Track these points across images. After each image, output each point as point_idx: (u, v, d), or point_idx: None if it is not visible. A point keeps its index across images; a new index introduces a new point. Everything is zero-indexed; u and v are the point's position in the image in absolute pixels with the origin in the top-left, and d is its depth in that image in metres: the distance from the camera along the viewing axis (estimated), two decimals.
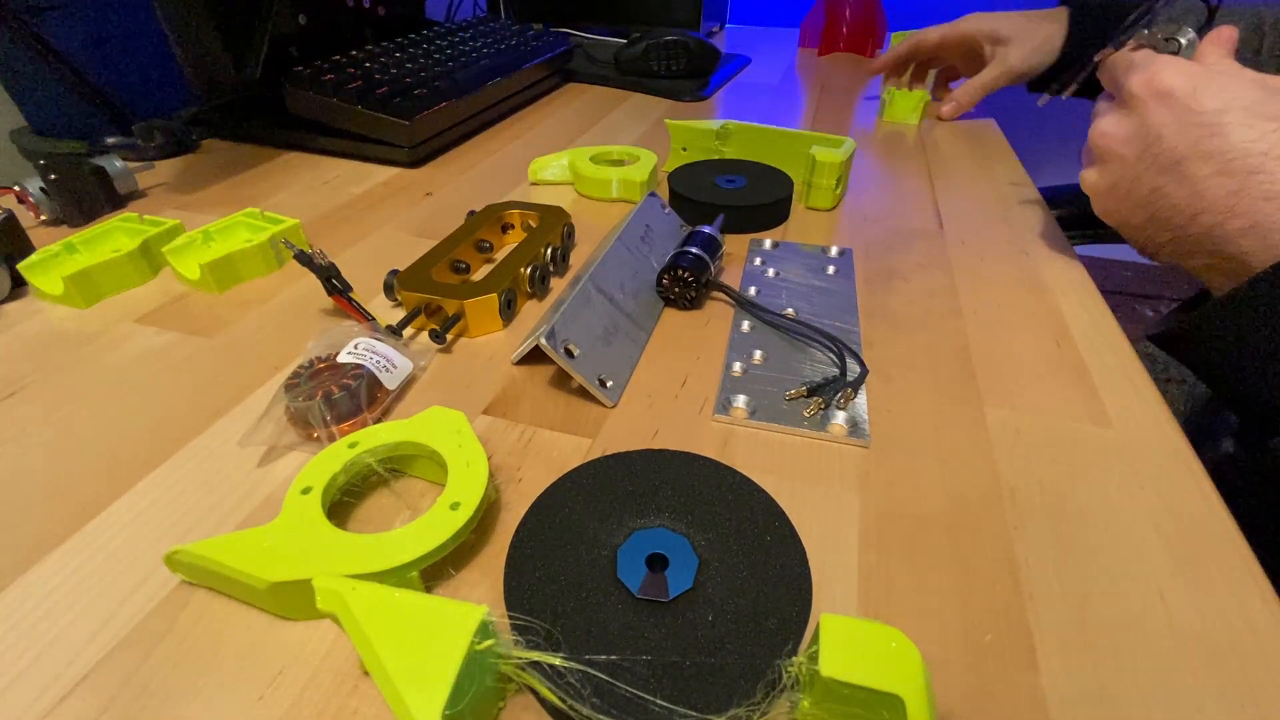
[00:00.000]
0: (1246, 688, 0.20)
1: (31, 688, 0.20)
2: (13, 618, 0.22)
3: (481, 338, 0.36)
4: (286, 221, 0.43)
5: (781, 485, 0.26)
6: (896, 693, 0.16)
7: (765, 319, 0.36)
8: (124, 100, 0.65)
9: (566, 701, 0.18)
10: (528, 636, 0.19)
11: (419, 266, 0.37)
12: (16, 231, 0.40)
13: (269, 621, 0.22)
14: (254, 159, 0.59)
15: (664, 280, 0.37)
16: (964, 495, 0.26)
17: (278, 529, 0.23)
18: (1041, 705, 0.20)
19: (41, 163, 0.45)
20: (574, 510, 0.24)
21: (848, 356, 0.33)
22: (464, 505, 0.23)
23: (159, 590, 0.23)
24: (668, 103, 0.76)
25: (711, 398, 0.31)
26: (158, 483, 0.27)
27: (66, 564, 0.24)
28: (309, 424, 0.28)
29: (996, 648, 0.21)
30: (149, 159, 0.56)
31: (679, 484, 0.25)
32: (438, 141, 0.60)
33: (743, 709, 0.18)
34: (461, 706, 0.16)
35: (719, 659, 0.19)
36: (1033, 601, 0.23)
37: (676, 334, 0.36)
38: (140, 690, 0.20)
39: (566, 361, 0.30)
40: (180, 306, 0.38)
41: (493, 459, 0.26)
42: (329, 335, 0.32)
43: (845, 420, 0.30)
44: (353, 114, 0.56)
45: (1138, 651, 0.21)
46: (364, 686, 0.20)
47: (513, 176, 0.55)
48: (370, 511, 0.26)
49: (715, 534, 0.23)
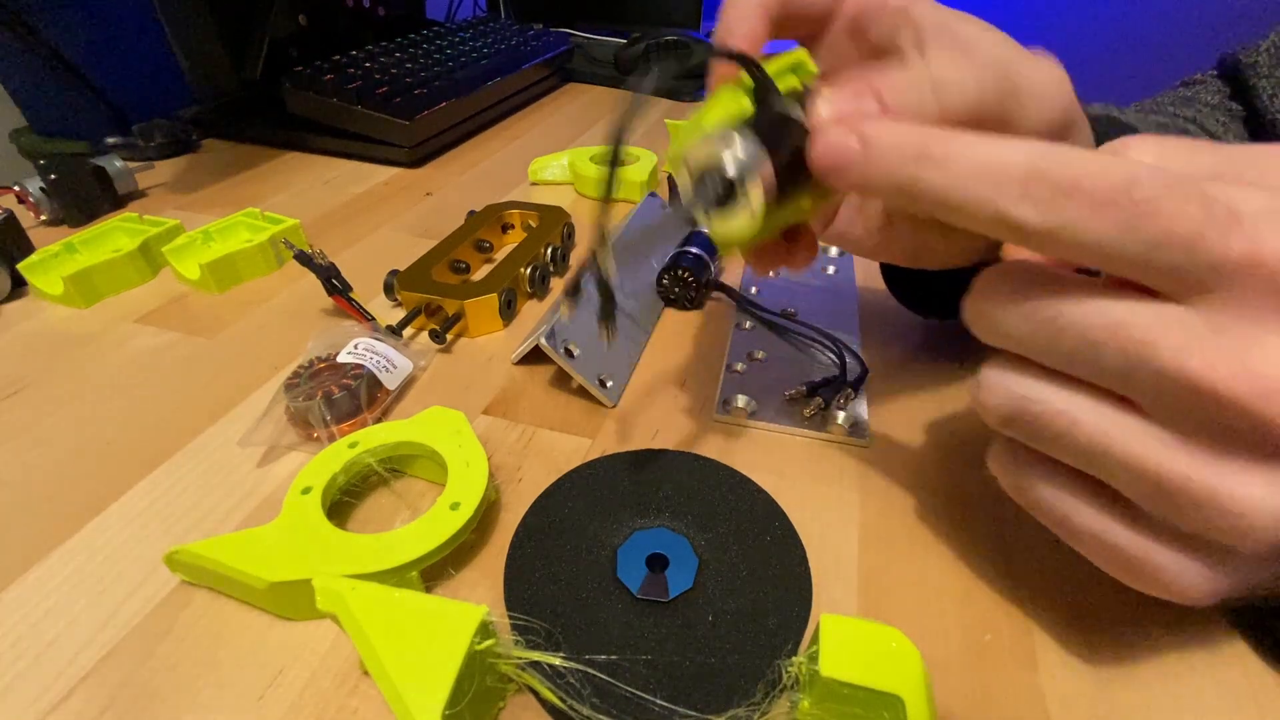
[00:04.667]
0: (1247, 687, 0.20)
1: (31, 688, 0.20)
2: (13, 618, 0.22)
3: (481, 338, 0.36)
4: (286, 221, 0.42)
5: (781, 485, 0.26)
6: (896, 693, 0.16)
7: (765, 319, 0.36)
8: (124, 100, 0.65)
9: (566, 701, 0.18)
10: (528, 636, 0.19)
11: (419, 266, 0.37)
12: (16, 231, 0.40)
13: (269, 621, 0.22)
14: (254, 159, 0.59)
15: (664, 280, 0.37)
16: (964, 495, 0.26)
17: (278, 529, 0.23)
18: (1041, 705, 0.20)
19: (41, 163, 0.45)
20: (574, 510, 0.24)
21: (848, 356, 0.33)
22: (464, 505, 0.23)
23: (159, 590, 0.23)
24: (668, 103, 0.76)
25: (711, 398, 0.31)
26: (158, 483, 0.27)
27: (66, 564, 0.24)
28: (309, 424, 0.28)
29: (996, 648, 0.21)
30: (149, 159, 0.56)
31: (679, 484, 0.25)
32: (438, 141, 0.60)
33: (743, 709, 0.18)
34: (461, 706, 0.16)
35: (719, 659, 0.19)
36: (1033, 601, 0.23)
37: (676, 334, 0.36)
38: (140, 690, 0.20)
39: (566, 361, 0.30)
40: (180, 306, 0.38)
41: (493, 459, 0.26)
42: (329, 335, 0.32)
43: (845, 420, 0.30)
44: (353, 114, 0.56)
45: (1138, 651, 0.21)
46: (364, 686, 0.20)
47: (513, 176, 0.55)
48: (370, 511, 0.26)
49: (715, 534, 0.23)
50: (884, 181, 0.17)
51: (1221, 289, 0.15)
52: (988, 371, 0.19)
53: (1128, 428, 0.16)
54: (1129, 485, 0.17)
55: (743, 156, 0.18)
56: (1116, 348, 0.15)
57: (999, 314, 0.18)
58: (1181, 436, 0.16)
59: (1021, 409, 0.18)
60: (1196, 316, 0.15)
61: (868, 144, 0.17)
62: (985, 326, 0.18)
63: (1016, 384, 0.18)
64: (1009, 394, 0.18)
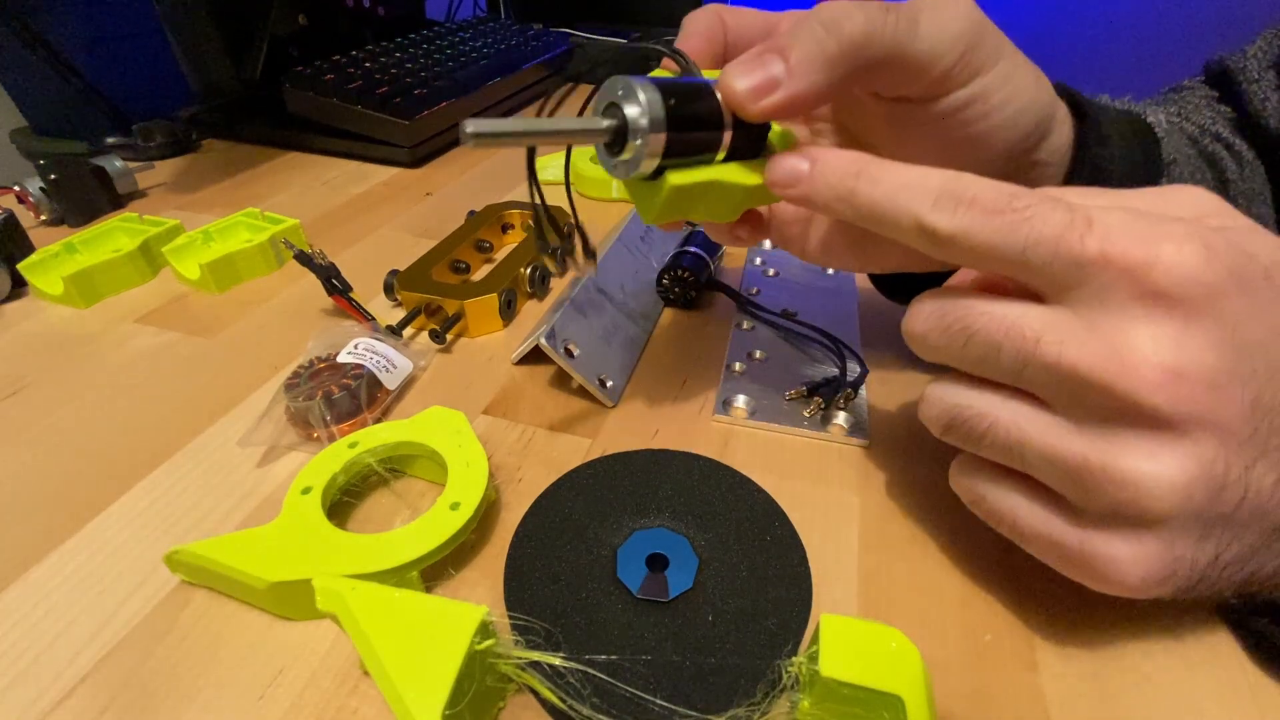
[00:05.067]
0: (1247, 687, 0.20)
1: (31, 688, 0.20)
2: (13, 618, 0.22)
3: (481, 338, 0.36)
4: (286, 221, 0.43)
5: (781, 485, 0.26)
6: (896, 693, 0.16)
7: (765, 319, 0.36)
8: (124, 100, 0.65)
9: (566, 701, 0.18)
10: (528, 636, 0.19)
11: (419, 266, 0.37)
12: (16, 231, 0.40)
13: (269, 621, 0.22)
14: (254, 159, 0.59)
15: (664, 280, 0.37)
16: None
17: (278, 529, 0.23)
18: (1041, 705, 0.20)
19: (41, 163, 0.45)
20: (574, 510, 0.24)
21: (848, 356, 0.33)
22: (464, 505, 0.23)
23: (159, 590, 0.23)
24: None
25: (711, 397, 0.31)
26: (158, 483, 0.27)
27: (66, 564, 0.24)
28: (309, 424, 0.28)
29: (996, 648, 0.21)
30: (149, 159, 0.56)
31: (679, 484, 0.25)
32: (438, 141, 0.60)
33: (743, 709, 0.18)
34: (461, 706, 0.16)
35: (719, 659, 0.19)
36: (1033, 601, 0.23)
37: (676, 334, 0.36)
38: (140, 690, 0.20)
39: (566, 361, 0.30)
40: (180, 306, 0.38)
41: (493, 459, 0.26)
42: (329, 335, 0.32)
43: (845, 420, 0.30)
44: (353, 114, 0.56)
45: (1138, 651, 0.21)
46: (364, 686, 0.20)
47: (513, 176, 0.55)
48: (370, 511, 0.26)
49: (715, 534, 0.23)
50: (828, 194, 0.20)
51: (1087, 286, 0.17)
52: (927, 388, 0.22)
53: (1035, 419, 0.19)
54: (1049, 475, 0.19)
55: (640, 101, 0.19)
56: (1011, 346, 0.18)
57: (925, 330, 0.20)
58: (1075, 422, 0.18)
59: (954, 416, 0.20)
60: (1072, 313, 0.18)
61: (814, 163, 0.20)
62: (918, 344, 0.21)
63: (948, 394, 0.21)
64: (943, 404, 0.21)
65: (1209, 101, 0.38)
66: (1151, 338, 0.17)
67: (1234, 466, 0.17)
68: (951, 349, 0.20)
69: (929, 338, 0.20)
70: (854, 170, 0.20)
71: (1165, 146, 0.28)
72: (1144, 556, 0.18)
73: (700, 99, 0.20)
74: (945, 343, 0.20)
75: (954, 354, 0.20)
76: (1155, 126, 0.29)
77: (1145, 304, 0.17)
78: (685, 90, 0.20)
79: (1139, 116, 0.30)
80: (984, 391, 0.20)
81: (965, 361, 0.20)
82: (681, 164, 0.21)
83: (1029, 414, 0.19)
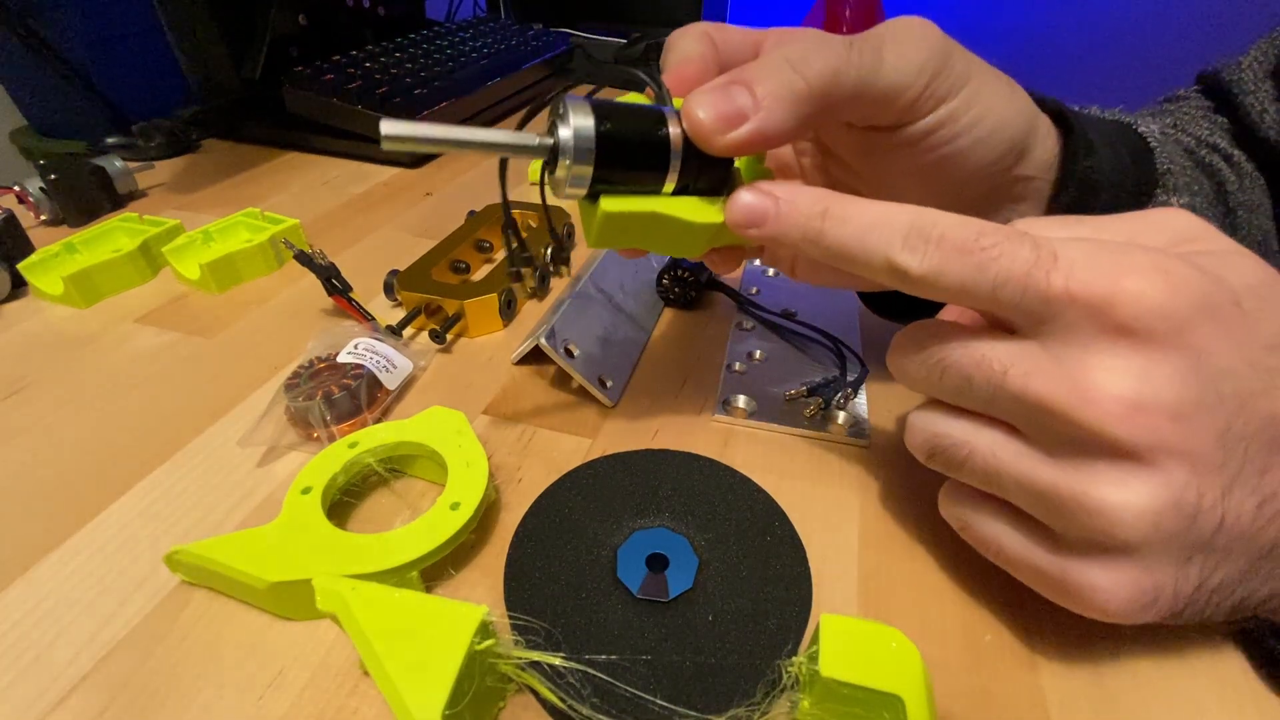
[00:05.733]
0: (1247, 687, 0.20)
1: (31, 687, 0.20)
2: (13, 618, 0.22)
3: (481, 338, 0.36)
4: (286, 221, 0.42)
5: (781, 485, 0.26)
6: (896, 693, 0.16)
7: (765, 318, 0.36)
8: (124, 100, 0.65)
9: (566, 701, 0.18)
10: (528, 636, 0.19)
11: (419, 266, 0.37)
12: (16, 231, 0.40)
13: (269, 621, 0.22)
14: (254, 159, 0.59)
15: (664, 280, 0.37)
16: None
17: (278, 529, 0.23)
18: (1041, 705, 0.20)
19: (41, 163, 0.45)
20: (574, 510, 0.24)
21: (848, 356, 0.33)
22: (464, 505, 0.23)
23: (159, 590, 0.23)
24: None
25: (711, 397, 0.31)
26: (158, 483, 0.27)
27: (66, 564, 0.24)
28: (309, 424, 0.28)
29: (996, 648, 0.21)
30: (149, 159, 0.56)
31: (679, 484, 0.25)
32: None
33: (743, 709, 0.18)
34: (461, 706, 0.16)
35: (719, 659, 0.19)
36: (1033, 601, 0.23)
37: (676, 334, 0.36)
38: (140, 690, 0.20)
39: (566, 361, 0.30)
40: (180, 306, 0.38)
41: (493, 459, 0.26)
42: (329, 335, 0.32)
43: (845, 420, 0.30)
44: (353, 114, 0.56)
45: (1138, 651, 0.21)
46: (364, 686, 0.20)
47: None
48: (370, 511, 0.26)
49: (715, 534, 0.23)
50: (794, 233, 0.20)
51: (1055, 320, 0.17)
52: (910, 416, 0.22)
53: (1008, 448, 0.19)
54: (1026, 502, 0.19)
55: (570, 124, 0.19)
56: (981, 378, 0.19)
57: (905, 363, 0.21)
58: (1047, 451, 0.18)
59: (935, 444, 0.21)
60: (1040, 347, 0.18)
61: (779, 202, 0.20)
62: (901, 376, 0.22)
63: (929, 422, 0.21)
64: (925, 432, 0.21)
65: (1205, 113, 0.37)
66: (1113, 370, 0.17)
67: (1208, 494, 0.17)
68: (930, 380, 0.20)
69: (909, 370, 0.21)
70: (819, 210, 0.20)
71: (1159, 156, 0.28)
72: (1123, 583, 0.18)
73: (644, 126, 0.20)
74: (924, 374, 0.21)
75: (933, 385, 0.21)
76: (1149, 137, 0.29)
77: (1110, 338, 0.17)
78: (629, 115, 0.19)
79: (1130, 127, 0.29)
80: (962, 420, 0.20)
81: (944, 392, 0.20)
82: (619, 191, 0.20)
83: (1004, 443, 0.19)
